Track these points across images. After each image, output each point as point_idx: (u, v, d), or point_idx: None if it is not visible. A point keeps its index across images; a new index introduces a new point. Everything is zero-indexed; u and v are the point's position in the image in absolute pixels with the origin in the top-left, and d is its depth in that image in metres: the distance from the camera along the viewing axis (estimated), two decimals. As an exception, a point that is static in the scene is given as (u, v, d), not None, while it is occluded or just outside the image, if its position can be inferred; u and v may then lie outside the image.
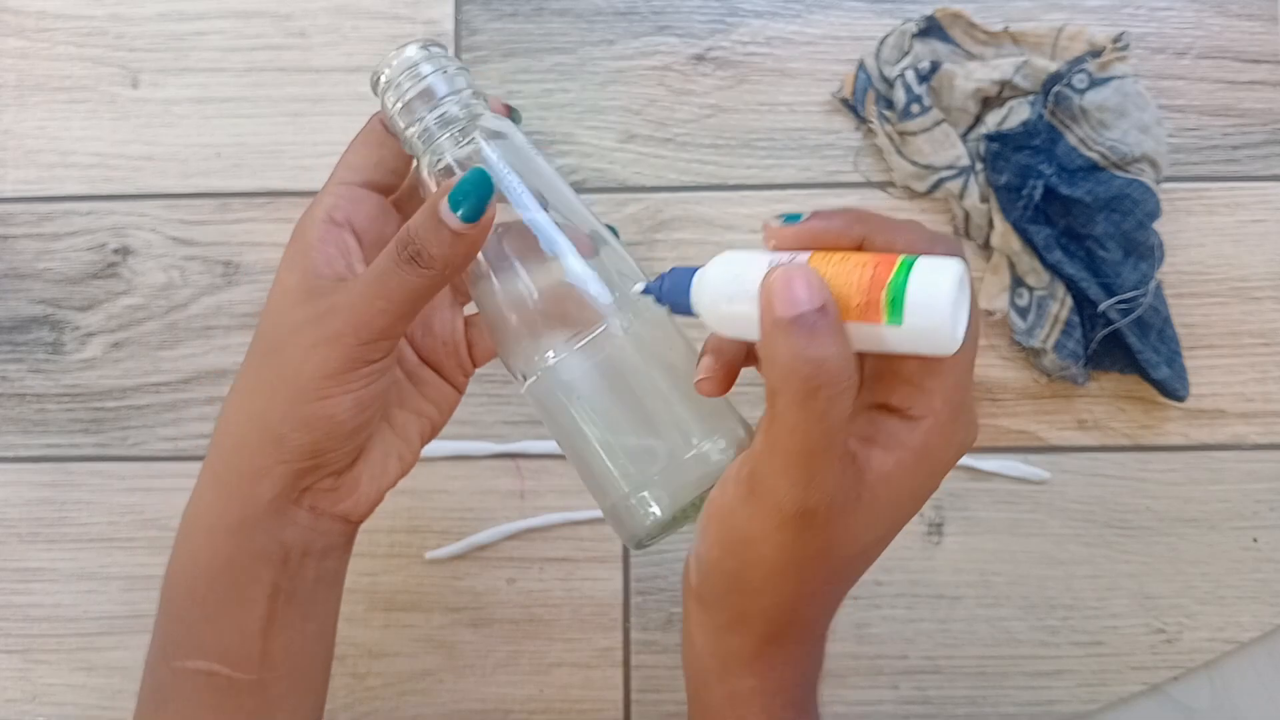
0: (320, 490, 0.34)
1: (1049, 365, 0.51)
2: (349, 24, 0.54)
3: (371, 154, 0.35)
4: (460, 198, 0.30)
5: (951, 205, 0.52)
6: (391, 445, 0.36)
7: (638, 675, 0.51)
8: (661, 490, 0.31)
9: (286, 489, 0.33)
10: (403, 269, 0.31)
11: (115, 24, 0.54)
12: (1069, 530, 0.51)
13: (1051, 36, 0.52)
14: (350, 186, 0.34)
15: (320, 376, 0.31)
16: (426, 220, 0.30)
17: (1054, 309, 0.50)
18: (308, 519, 0.34)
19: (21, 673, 0.52)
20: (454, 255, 0.31)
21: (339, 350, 0.31)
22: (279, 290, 0.33)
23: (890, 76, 0.52)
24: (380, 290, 0.31)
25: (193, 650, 0.34)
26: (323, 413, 0.32)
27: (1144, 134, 0.50)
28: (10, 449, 0.53)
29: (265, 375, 0.33)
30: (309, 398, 0.32)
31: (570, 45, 0.54)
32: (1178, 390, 0.50)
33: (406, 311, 0.32)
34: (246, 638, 0.34)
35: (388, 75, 0.33)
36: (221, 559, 0.33)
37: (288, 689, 0.35)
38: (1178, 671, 0.51)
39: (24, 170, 0.54)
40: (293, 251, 0.33)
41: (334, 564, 0.36)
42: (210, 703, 0.34)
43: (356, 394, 0.32)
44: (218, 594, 0.34)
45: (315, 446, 0.32)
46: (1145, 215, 0.49)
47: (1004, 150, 0.50)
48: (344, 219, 0.33)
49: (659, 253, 0.53)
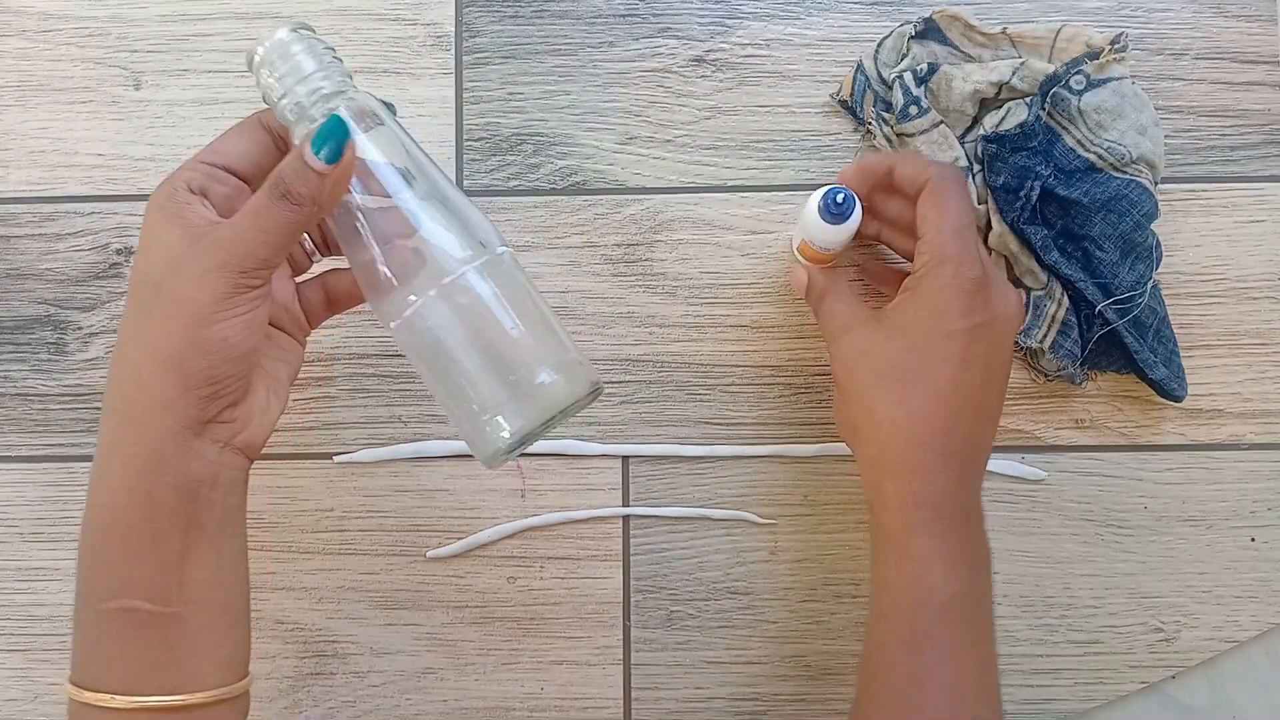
0: (221, 423, 0.37)
1: (1046, 365, 0.51)
2: (350, 26, 0.54)
3: (239, 144, 0.38)
4: (321, 141, 0.35)
5: None
6: (270, 384, 0.39)
7: (638, 673, 0.52)
8: (512, 414, 0.36)
9: (189, 419, 0.35)
10: (276, 204, 0.35)
11: (117, 25, 0.55)
12: (1066, 529, 0.52)
13: (1049, 38, 0.52)
14: (210, 167, 0.37)
15: (211, 301, 0.35)
16: (294, 161, 0.35)
17: (1051, 309, 0.50)
18: (213, 452, 0.37)
19: (23, 672, 0.52)
20: (319, 193, 0.35)
21: (225, 277, 0.35)
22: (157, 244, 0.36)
23: (888, 78, 0.52)
24: (258, 224, 0.35)
25: (116, 590, 0.36)
26: (218, 335, 0.35)
27: (1141, 135, 0.50)
28: (12, 449, 0.53)
29: (157, 311, 0.35)
30: (204, 322, 0.35)
31: (571, 47, 0.54)
32: (1175, 390, 0.50)
33: (282, 243, 0.36)
34: (165, 572, 0.36)
35: (261, 53, 0.36)
36: (137, 496, 0.35)
37: (207, 621, 0.37)
38: (1176, 670, 0.51)
39: (26, 171, 0.54)
40: (158, 215, 0.36)
41: (236, 500, 0.38)
42: (135, 638, 0.36)
43: (245, 316, 0.35)
44: (135, 531, 0.36)
45: (213, 371, 0.35)
46: (1143, 216, 0.49)
47: (1001, 152, 0.50)
48: (199, 190, 0.37)
49: (659, 253, 0.53)
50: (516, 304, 0.38)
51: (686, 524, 0.52)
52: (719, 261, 0.53)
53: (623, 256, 0.53)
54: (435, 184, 0.38)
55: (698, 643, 0.52)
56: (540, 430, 0.37)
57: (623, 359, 0.53)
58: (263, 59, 0.36)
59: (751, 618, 0.52)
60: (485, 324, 0.37)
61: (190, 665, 0.37)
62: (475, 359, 0.37)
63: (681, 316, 0.53)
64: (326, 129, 0.35)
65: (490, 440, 0.37)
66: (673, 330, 0.53)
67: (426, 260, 0.37)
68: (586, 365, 0.39)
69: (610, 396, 0.53)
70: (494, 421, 0.37)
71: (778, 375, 0.52)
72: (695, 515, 0.52)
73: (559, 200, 0.53)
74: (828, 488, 0.52)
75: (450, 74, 0.54)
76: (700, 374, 0.52)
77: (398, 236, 0.37)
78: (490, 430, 0.37)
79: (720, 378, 0.52)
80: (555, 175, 0.53)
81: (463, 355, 0.37)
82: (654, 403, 0.52)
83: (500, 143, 0.54)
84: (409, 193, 0.37)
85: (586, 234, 0.53)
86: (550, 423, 0.37)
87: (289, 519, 0.52)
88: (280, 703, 0.52)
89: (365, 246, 0.37)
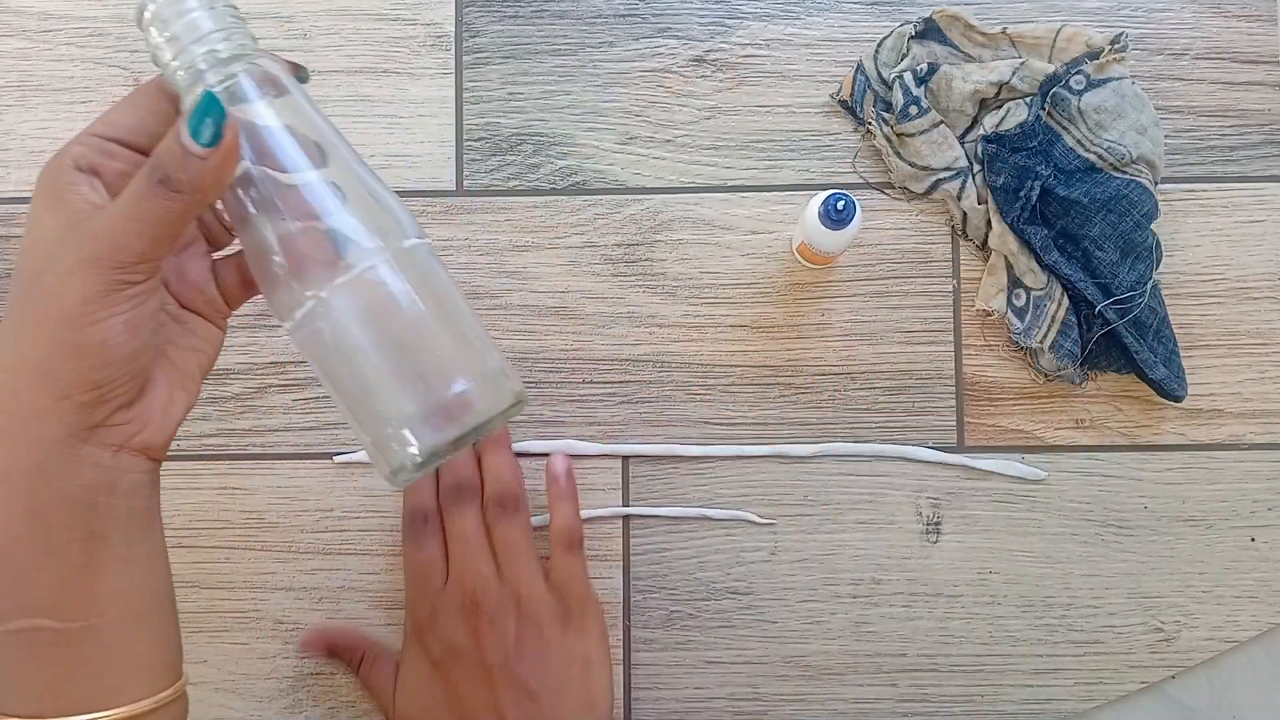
0: (113, 426, 0.33)
1: (1046, 365, 0.51)
2: (350, 26, 0.54)
3: (134, 114, 0.33)
4: (196, 121, 0.30)
5: (949, 206, 0.52)
6: (175, 378, 0.35)
7: (638, 673, 0.52)
8: (421, 428, 0.32)
9: (71, 427, 0.32)
10: (155, 192, 0.31)
11: (117, 25, 0.55)
12: (1066, 529, 0.52)
13: (1049, 38, 0.52)
14: (102, 140, 0.33)
15: (82, 301, 0.31)
16: (171, 145, 0.31)
17: (1051, 309, 0.50)
18: (107, 457, 0.33)
19: None
20: (200, 179, 0.31)
21: (97, 273, 0.31)
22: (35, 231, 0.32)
23: (888, 78, 0.52)
24: (134, 214, 0.31)
25: (15, 610, 0.33)
26: (93, 338, 0.31)
27: (1141, 135, 0.50)
28: (13, 449, 0.53)
29: (27, 311, 0.32)
30: (75, 325, 0.31)
31: (571, 47, 0.54)
32: (1175, 390, 0.50)
33: (163, 235, 0.31)
34: (67, 587, 0.33)
35: (153, 9, 0.32)
36: (24, 512, 0.32)
37: (125, 631, 0.35)
38: (1176, 670, 0.51)
39: (27, 170, 0.54)
40: (42, 195, 0.32)
41: (143, 502, 0.35)
42: (43, 658, 0.33)
43: (125, 316, 0.31)
44: (28, 548, 0.33)
45: (91, 376, 0.31)
46: (1142, 216, 0.49)
47: (1001, 152, 0.50)
48: (89, 168, 0.32)
49: (659, 253, 0.53)
50: (431, 303, 0.33)
51: (686, 524, 0.52)
52: (719, 261, 0.53)
53: (623, 256, 0.53)
54: (345, 163, 0.33)
55: (698, 643, 0.52)
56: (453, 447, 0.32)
57: (623, 359, 0.53)
58: (154, 15, 0.32)
59: (751, 618, 0.52)
60: (393, 325, 0.32)
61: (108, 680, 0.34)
62: (381, 365, 0.32)
63: (681, 316, 0.53)
64: (201, 107, 0.30)
65: (395, 456, 0.32)
66: (673, 330, 0.53)
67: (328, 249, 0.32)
68: (509, 373, 0.34)
69: (610, 396, 0.53)
70: (400, 435, 0.32)
71: (778, 375, 0.52)
72: (695, 515, 0.52)
73: (559, 200, 0.53)
74: (828, 488, 0.52)
75: (450, 74, 0.54)
76: (700, 374, 0.52)
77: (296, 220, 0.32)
78: (396, 445, 0.32)
79: (720, 378, 0.52)
80: (555, 175, 0.53)
81: (366, 360, 0.32)
82: (654, 403, 0.52)
83: (500, 143, 0.54)
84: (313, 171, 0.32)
85: (586, 234, 0.53)
86: (464, 438, 0.32)
87: (289, 519, 0.52)
88: (280, 703, 0.52)
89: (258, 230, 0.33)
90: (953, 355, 0.52)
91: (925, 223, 0.53)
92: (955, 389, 0.52)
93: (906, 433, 0.52)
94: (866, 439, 0.52)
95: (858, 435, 0.52)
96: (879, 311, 0.53)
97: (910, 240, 0.53)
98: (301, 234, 0.32)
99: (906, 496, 0.52)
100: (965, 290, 0.53)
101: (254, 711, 0.52)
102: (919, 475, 0.52)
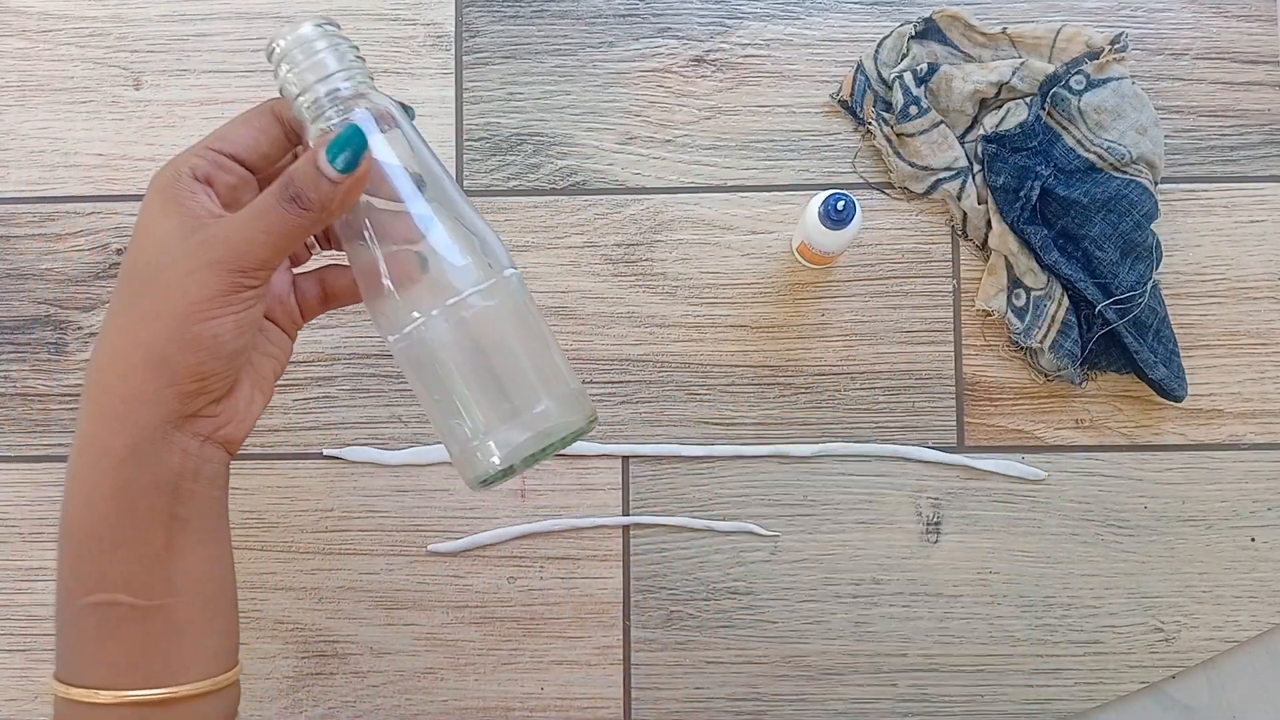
0: (204, 417, 0.36)
1: (1046, 365, 0.51)
2: (351, 26, 0.54)
3: (248, 133, 0.37)
4: (336, 149, 0.34)
5: (949, 206, 0.52)
6: (255, 380, 0.38)
7: (638, 673, 0.52)
8: (503, 441, 0.36)
9: (171, 414, 0.34)
10: (284, 206, 0.34)
11: (117, 25, 0.55)
12: (1066, 529, 0.52)
13: (1049, 38, 0.52)
14: (217, 154, 0.36)
15: (203, 299, 0.34)
16: (306, 166, 0.34)
17: (1051, 309, 0.50)
18: (195, 445, 0.36)
19: (23, 672, 0.52)
20: (330, 200, 0.34)
21: (219, 274, 0.34)
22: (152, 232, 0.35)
23: (889, 79, 0.52)
24: (261, 224, 0.34)
25: (95, 584, 0.35)
26: (207, 333, 0.34)
27: (1141, 135, 0.50)
28: (13, 449, 0.53)
29: (146, 303, 0.34)
30: (193, 319, 0.34)
31: (571, 47, 0.54)
32: (1175, 390, 0.50)
33: (284, 245, 0.34)
34: (147, 565, 0.35)
35: (283, 46, 0.35)
36: (114, 490, 0.35)
37: (194, 613, 0.37)
38: (1176, 670, 0.51)
39: (27, 171, 0.54)
40: (159, 200, 0.35)
41: (219, 493, 0.38)
42: (117, 632, 0.35)
43: (237, 315, 0.34)
44: (113, 526, 0.35)
45: (200, 368, 0.34)
46: (1143, 216, 0.49)
47: (1001, 152, 0.50)
48: (204, 178, 0.36)
49: (659, 253, 0.53)
50: (520, 329, 0.37)
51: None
52: (719, 261, 0.53)
53: (623, 256, 0.53)
54: (448, 196, 0.37)
55: (698, 643, 0.52)
56: (531, 459, 0.36)
57: (623, 359, 0.53)
58: (284, 52, 0.35)
59: (751, 618, 0.52)
60: (487, 348, 0.36)
61: (176, 658, 0.36)
62: (474, 382, 0.36)
63: (681, 316, 0.53)
64: (344, 137, 0.34)
65: (479, 464, 0.36)
66: (673, 330, 0.53)
67: (432, 276, 0.36)
68: (584, 396, 0.38)
69: (610, 396, 0.53)
70: (485, 446, 0.36)
71: (778, 375, 0.52)
72: (699, 527, 0.52)
73: (559, 200, 0.53)
74: (828, 488, 0.52)
75: (450, 74, 0.54)
76: (700, 374, 0.52)
77: (405, 246, 0.36)
78: (481, 455, 0.36)
79: (720, 378, 0.52)
80: (555, 175, 0.53)
81: (461, 377, 0.36)
82: (654, 403, 0.52)
83: (500, 143, 0.54)
84: (420, 201, 0.36)
85: (586, 234, 0.53)
86: (542, 452, 0.36)
87: (289, 519, 0.52)
88: (280, 703, 0.52)
89: (370, 252, 0.36)
90: (953, 355, 0.52)
91: (925, 223, 0.53)
92: (955, 389, 0.52)
93: (906, 433, 0.52)
94: (866, 439, 0.52)
95: (858, 435, 0.52)
96: (879, 311, 0.53)
97: (910, 240, 0.53)
98: (409, 258, 0.36)
99: (906, 496, 0.52)
100: (965, 290, 0.53)
101: (254, 711, 0.52)
102: (919, 475, 0.52)
